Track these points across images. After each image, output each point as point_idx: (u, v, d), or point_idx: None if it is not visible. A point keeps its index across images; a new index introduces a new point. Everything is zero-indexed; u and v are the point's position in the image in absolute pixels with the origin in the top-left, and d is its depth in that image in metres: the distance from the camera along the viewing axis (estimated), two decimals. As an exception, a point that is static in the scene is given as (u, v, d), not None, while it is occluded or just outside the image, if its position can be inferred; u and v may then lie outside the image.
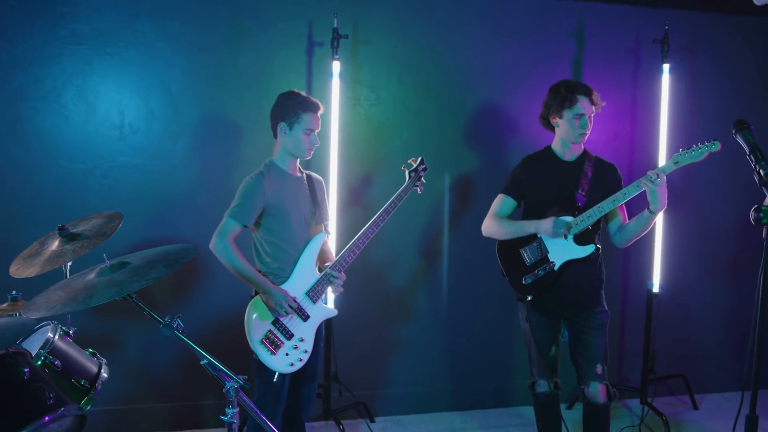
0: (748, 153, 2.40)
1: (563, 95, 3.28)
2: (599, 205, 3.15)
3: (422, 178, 3.44)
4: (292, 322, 3.07)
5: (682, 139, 4.49)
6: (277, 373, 3.03)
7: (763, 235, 2.27)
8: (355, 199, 4.22)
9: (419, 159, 3.46)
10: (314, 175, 3.35)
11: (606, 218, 3.33)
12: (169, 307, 3.99)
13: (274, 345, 3.01)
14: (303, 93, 3.17)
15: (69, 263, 3.04)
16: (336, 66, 3.91)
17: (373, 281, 4.25)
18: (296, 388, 3.21)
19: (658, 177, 3.02)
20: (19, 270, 2.92)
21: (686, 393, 4.65)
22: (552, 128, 3.39)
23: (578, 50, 4.50)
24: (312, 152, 3.19)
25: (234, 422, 2.26)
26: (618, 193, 3.14)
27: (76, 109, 3.85)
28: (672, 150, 4.31)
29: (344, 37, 3.91)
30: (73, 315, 3.24)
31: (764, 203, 2.26)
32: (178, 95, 3.98)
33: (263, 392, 3.07)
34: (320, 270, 3.21)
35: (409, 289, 4.42)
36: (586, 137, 3.30)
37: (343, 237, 3.84)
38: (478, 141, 4.42)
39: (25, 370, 2.24)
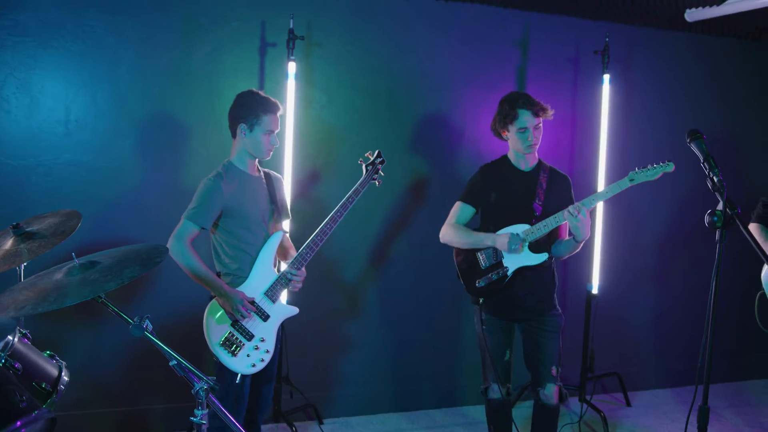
0: (702, 161, 2.57)
1: (506, 111, 3.42)
2: (555, 216, 3.28)
3: (380, 171, 3.46)
4: (251, 323, 3.07)
5: (621, 146, 4.76)
6: (239, 375, 3.02)
7: (716, 238, 2.43)
8: (309, 198, 4.24)
9: (376, 152, 3.48)
10: (273, 173, 3.36)
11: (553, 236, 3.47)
12: (128, 309, 3.90)
13: (234, 347, 3.00)
14: (262, 93, 3.17)
15: (24, 264, 2.94)
16: (291, 67, 3.93)
17: (323, 281, 4.28)
18: (256, 390, 3.21)
19: (578, 213, 3.16)
20: None
21: (620, 390, 4.89)
22: (504, 139, 3.51)
23: (523, 58, 4.67)
24: (271, 153, 3.19)
25: (204, 423, 2.24)
26: (573, 206, 3.23)
27: (18, 104, 3.73)
28: (610, 157, 4.57)
29: (300, 38, 3.94)
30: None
31: (717, 208, 2.44)
32: (126, 92, 3.91)
33: (224, 393, 3.04)
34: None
35: (359, 289, 4.48)
36: (536, 147, 3.42)
37: (297, 235, 3.84)
38: (427, 145, 4.53)
39: None
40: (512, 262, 3.36)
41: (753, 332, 4.14)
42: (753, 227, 3.78)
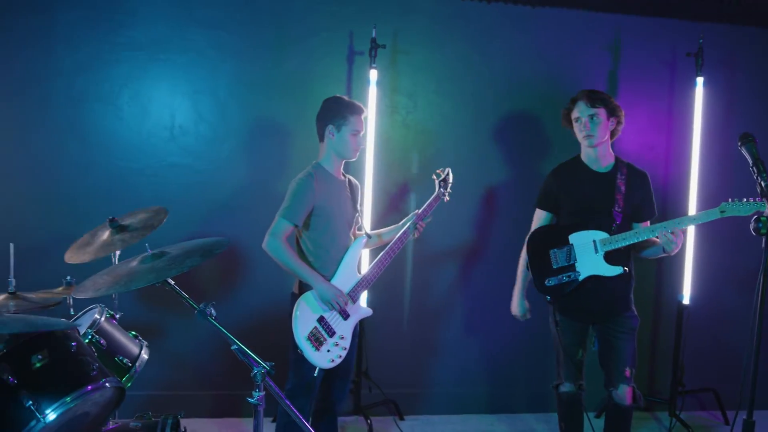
0: (751, 165, 2.50)
1: (568, 104, 3.48)
2: (636, 231, 3.22)
3: (449, 188, 3.56)
4: (334, 321, 3.22)
5: (715, 151, 4.54)
6: (317, 368, 3.16)
7: (762, 245, 2.35)
8: (391, 203, 4.39)
9: (447, 170, 3.58)
10: (354, 180, 3.52)
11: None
12: (210, 298, 4.21)
13: (318, 341, 3.14)
14: (347, 98, 3.35)
15: (118, 252, 3.28)
16: (373, 74, 4.10)
17: (409, 282, 4.42)
18: (330, 383, 3.36)
19: (676, 238, 3.10)
20: (73, 257, 3.19)
21: (717, 408, 4.66)
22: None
23: (614, 62, 4.59)
24: (357, 153, 3.35)
25: (260, 404, 2.39)
26: (658, 225, 3.18)
27: (131, 111, 4.14)
28: (704, 162, 4.39)
29: (382, 46, 4.10)
30: (120, 300, 3.49)
31: (764, 214, 2.34)
32: (225, 100, 4.23)
33: (297, 383, 3.21)
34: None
35: (445, 291, 4.56)
36: (594, 139, 3.36)
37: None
38: (512, 149, 4.55)
39: (73, 344, 2.47)
40: (585, 268, 3.30)
41: None
42: None
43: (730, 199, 3.05)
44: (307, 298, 3.19)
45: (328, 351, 3.18)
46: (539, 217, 3.57)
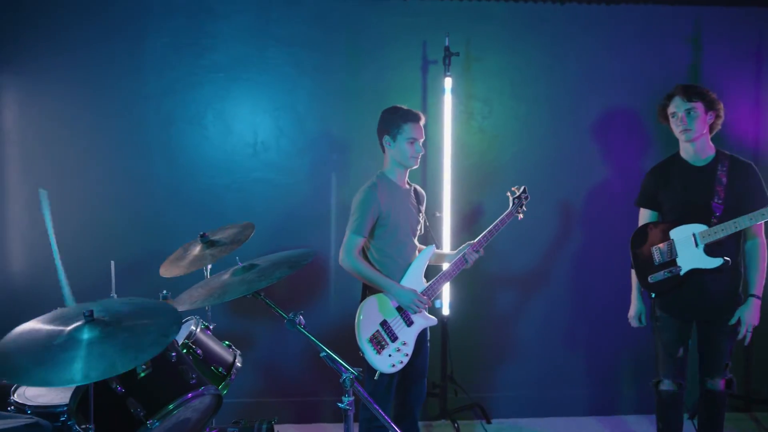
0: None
1: (663, 99, 3.45)
2: (735, 220, 3.18)
3: (524, 206, 3.60)
4: (397, 326, 3.30)
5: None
6: (378, 372, 3.24)
7: None
8: (469, 208, 4.43)
9: (522, 188, 3.63)
10: (419, 188, 3.60)
11: (744, 234, 3.36)
12: (296, 307, 4.35)
13: (379, 345, 3.23)
14: (404, 107, 3.43)
15: (209, 266, 3.45)
16: (448, 82, 4.17)
17: (490, 283, 4.44)
18: (406, 386, 3.44)
19: None
20: (167, 271, 3.39)
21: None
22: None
23: (695, 56, 4.50)
24: (418, 160, 3.41)
25: (349, 409, 2.50)
26: (758, 213, 3.15)
27: (215, 130, 4.34)
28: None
29: (455, 54, 4.17)
30: (213, 311, 3.67)
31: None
32: (304, 115, 4.38)
33: (373, 389, 3.28)
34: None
35: (526, 294, 4.58)
36: (692, 133, 3.32)
37: (458, 244, 4.05)
38: (594, 147, 4.53)
39: (173, 354, 2.64)
40: (686, 262, 3.32)
41: None
42: None
43: None
44: (368, 302, 3.29)
45: (390, 356, 3.25)
46: (643, 216, 3.60)
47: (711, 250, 3.25)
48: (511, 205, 3.58)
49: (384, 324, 3.28)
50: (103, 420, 2.43)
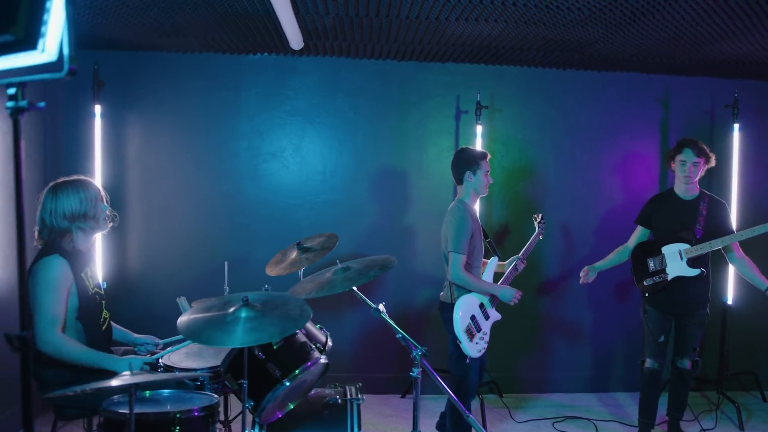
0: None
1: (676, 146, 3.94)
2: (710, 242, 3.74)
3: (543, 229, 4.06)
4: (481, 320, 3.64)
5: (750, 183, 4.94)
6: (468, 357, 3.58)
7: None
8: (493, 226, 4.91)
9: (540, 215, 4.10)
10: None
11: (724, 249, 3.91)
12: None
13: (471, 335, 3.58)
14: (472, 147, 3.86)
15: (303, 268, 3.89)
16: (479, 129, 4.68)
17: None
18: (481, 368, 3.83)
19: None
20: (271, 271, 3.79)
21: (757, 388, 5.02)
22: (672, 170, 3.99)
23: (665, 113, 5.04)
24: (487, 189, 3.78)
25: (418, 378, 2.86)
26: (726, 237, 3.73)
27: (293, 161, 4.81)
28: (741, 193, 4.80)
29: (485, 107, 4.68)
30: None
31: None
32: (362, 150, 4.85)
33: (466, 373, 3.62)
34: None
35: (541, 295, 4.99)
36: (693, 180, 3.85)
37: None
38: (587, 182, 5.03)
39: (296, 332, 3.08)
40: (673, 271, 3.84)
41: None
42: None
43: None
44: (461, 302, 3.60)
45: (476, 343, 3.59)
46: (637, 232, 4.10)
47: (692, 262, 3.79)
48: (537, 229, 4.04)
49: (473, 318, 3.62)
50: (250, 377, 2.82)
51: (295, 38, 4.07)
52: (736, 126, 4.78)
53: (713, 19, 3.55)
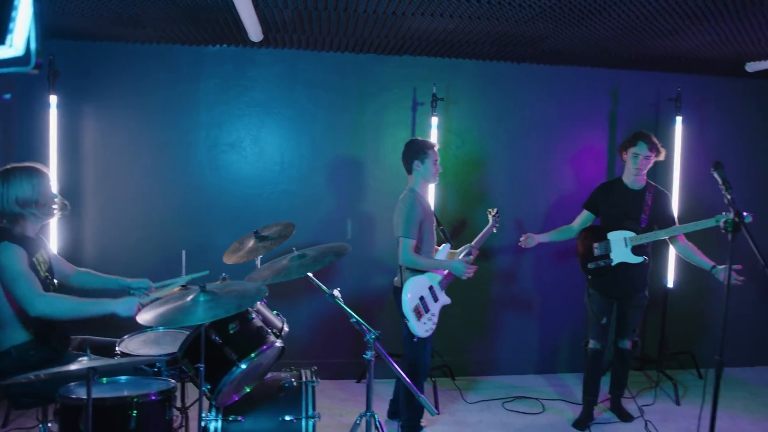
0: (720, 184, 3.11)
1: (630, 139, 4.11)
2: (656, 233, 3.94)
3: (497, 222, 4.22)
4: (429, 301, 3.79)
5: (691, 173, 5.16)
6: (416, 336, 3.73)
7: (729, 239, 2.99)
8: (451, 216, 5.03)
9: (495, 209, 4.25)
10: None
11: (671, 242, 4.12)
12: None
13: (419, 314, 3.73)
14: (420, 138, 3.99)
15: (260, 256, 3.96)
16: (434, 120, 4.78)
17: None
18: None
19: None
20: (229, 259, 3.83)
21: (693, 366, 5.29)
22: (623, 161, 4.16)
23: (613, 105, 5.24)
24: (437, 177, 3.93)
25: (372, 361, 2.94)
26: (671, 229, 3.92)
27: (251, 151, 4.85)
28: (682, 182, 5.02)
29: (441, 99, 4.80)
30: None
31: (730, 217, 2.98)
32: (320, 141, 4.92)
33: (414, 349, 3.78)
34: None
35: (493, 283, 5.17)
36: (642, 172, 4.04)
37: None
38: (539, 172, 5.19)
39: (252, 316, 3.16)
40: (617, 257, 4.02)
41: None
42: None
43: (723, 213, 3.61)
44: (412, 283, 3.74)
45: (424, 323, 3.75)
46: (583, 215, 4.27)
47: (635, 250, 3.98)
48: (490, 222, 4.18)
49: (422, 299, 3.76)
50: (206, 361, 2.87)
51: (254, 30, 4.12)
52: (679, 119, 5.00)
53: (656, 18, 3.72)
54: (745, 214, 3.51)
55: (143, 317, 2.68)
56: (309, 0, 3.65)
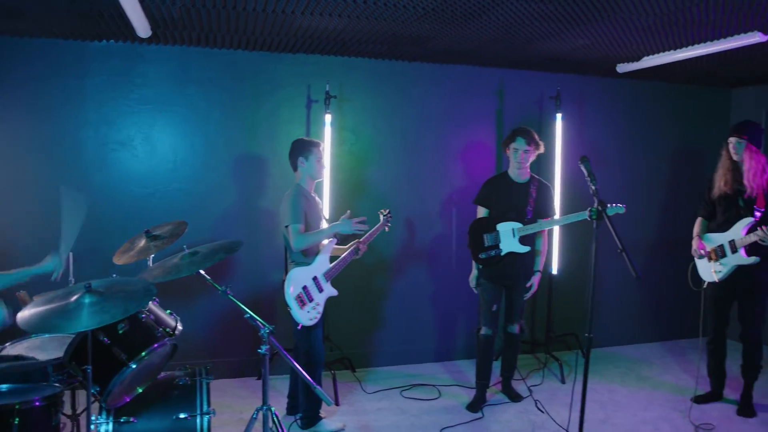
0: (586, 176, 3.38)
1: (510, 135, 4.33)
2: (540, 223, 4.18)
3: (389, 222, 4.33)
4: (313, 291, 3.87)
5: (570, 165, 5.51)
6: (300, 324, 3.82)
7: (594, 227, 3.25)
8: (342, 210, 5.11)
9: (387, 210, 4.36)
10: (317, 197, 4.22)
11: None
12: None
13: (302, 302, 3.82)
14: (307, 137, 4.09)
15: (152, 255, 3.91)
16: (328, 117, 4.86)
17: (365, 271, 5.02)
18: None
19: None
20: (119, 260, 3.77)
21: (578, 347, 5.66)
22: (508, 156, 4.38)
23: (500, 103, 5.51)
24: (323, 173, 4.06)
25: (266, 355, 3.00)
26: (552, 220, 4.16)
27: (142, 150, 4.75)
28: (563, 175, 5.37)
29: (334, 97, 4.88)
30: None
31: (594, 206, 3.24)
32: (214, 139, 4.88)
33: (312, 344, 3.89)
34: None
35: (389, 276, 5.34)
36: (524, 165, 4.28)
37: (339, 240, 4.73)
38: (432, 168, 5.38)
39: (143, 316, 3.13)
40: (506, 247, 4.25)
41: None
42: (697, 221, 4.53)
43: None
44: (295, 271, 3.85)
45: (308, 312, 3.84)
46: (480, 211, 4.46)
47: (522, 240, 4.22)
48: (381, 220, 4.29)
49: (305, 288, 3.86)
50: (95, 363, 2.81)
51: (141, 26, 4.04)
52: (559, 115, 5.34)
53: (533, 22, 3.96)
54: (618, 205, 3.87)
55: (23, 319, 2.60)
56: (197, -3, 3.63)
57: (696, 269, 4.47)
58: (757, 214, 4.12)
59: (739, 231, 4.17)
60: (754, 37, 3.93)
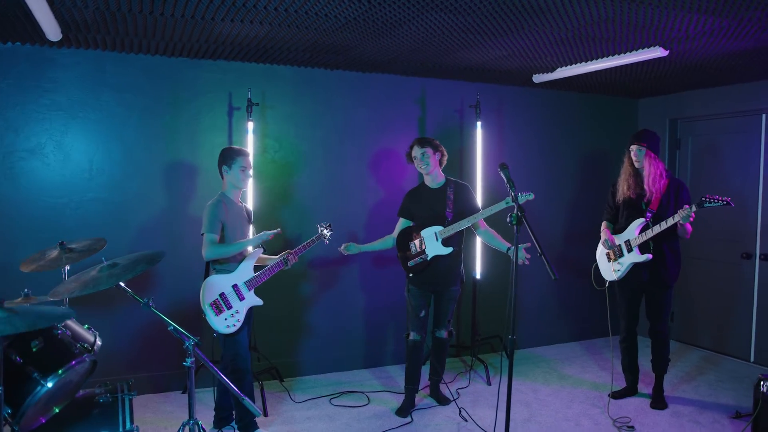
0: (506, 182, 3.52)
1: (410, 146, 4.43)
2: (459, 222, 4.25)
3: (329, 235, 4.31)
4: (232, 298, 3.84)
5: (491, 173, 5.70)
6: (216, 332, 3.78)
7: (514, 232, 3.38)
8: (267, 217, 5.11)
9: (328, 224, 4.34)
10: (247, 206, 4.22)
11: (473, 226, 4.41)
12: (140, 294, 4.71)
13: (218, 309, 3.79)
14: (236, 146, 4.06)
15: (67, 267, 3.76)
16: (250, 125, 4.82)
17: (293, 280, 5.10)
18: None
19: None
20: (26, 267, 3.62)
21: (502, 349, 5.84)
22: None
23: (422, 111, 5.63)
24: (247, 182, 4.05)
25: (192, 367, 2.93)
26: (471, 216, 4.23)
27: (55, 158, 4.54)
28: (484, 180, 5.54)
29: (256, 104, 4.85)
30: (71, 303, 3.92)
31: (514, 212, 3.38)
32: (132, 146, 4.73)
33: (237, 351, 3.84)
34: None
35: (319, 284, 5.33)
36: (429, 168, 4.36)
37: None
38: (355, 176, 5.42)
39: (58, 332, 3.02)
40: (431, 251, 4.32)
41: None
42: (603, 224, 4.77)
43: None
44: (212, 278, 3.84)
45: (225, 320, 3.80)
46: (401, 223, 4.54)
47: (445, 242, 4.31)
48: (320, 232, 4.26)
49: (222, 295, 3.82)
50: (8, 383, 2.70)
51: (51, 29, 3.89)
52: (479, 123, 5.50)
53: (450, 33, 4.06)
54: (528, 193, 4.02)
55: None
56: (111, 1, 3.53)
57: (599, 269, 4.73)
58: (648, 214, 4.44)
59: (633, 231, 4.49)
60: (656, 52, 4.22)
